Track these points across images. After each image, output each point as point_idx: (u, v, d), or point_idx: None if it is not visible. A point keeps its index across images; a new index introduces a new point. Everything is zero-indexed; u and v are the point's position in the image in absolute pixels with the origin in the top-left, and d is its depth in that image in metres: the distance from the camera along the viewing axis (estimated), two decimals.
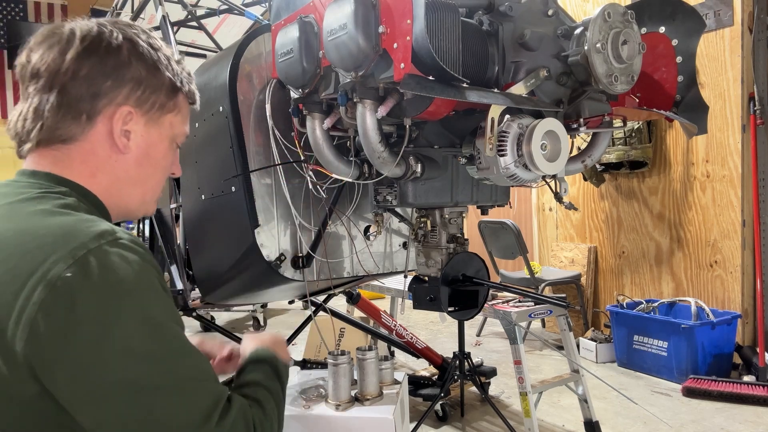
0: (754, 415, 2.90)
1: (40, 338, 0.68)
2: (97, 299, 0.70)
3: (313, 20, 1.35)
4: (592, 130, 1.44)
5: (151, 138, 0.91)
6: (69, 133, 0.85)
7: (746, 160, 3.50)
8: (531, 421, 2.36)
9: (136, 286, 0.73)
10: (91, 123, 0.85)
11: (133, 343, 0.71)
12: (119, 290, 0.72)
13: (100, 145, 0.87)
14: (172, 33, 2.44)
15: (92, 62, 0.84)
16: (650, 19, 1.52)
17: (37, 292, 0.69)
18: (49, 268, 0.69)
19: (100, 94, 0.85)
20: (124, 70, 0.86)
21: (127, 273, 0.73)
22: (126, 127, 0.87)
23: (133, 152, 0.89)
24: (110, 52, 0.86)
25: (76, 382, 0.70)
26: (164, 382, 0.73)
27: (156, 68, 0.89)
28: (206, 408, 0.75)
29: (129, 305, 0.72)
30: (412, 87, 1.10)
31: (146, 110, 0.89)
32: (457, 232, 1.57)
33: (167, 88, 0.91)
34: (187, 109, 0.99)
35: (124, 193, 0.91)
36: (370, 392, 1.58)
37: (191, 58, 3.35)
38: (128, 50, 0.87)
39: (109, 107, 0.86)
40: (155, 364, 0.73)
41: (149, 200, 0.97)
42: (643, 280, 4.11)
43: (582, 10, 4.33)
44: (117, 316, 0.71)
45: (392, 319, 3.04)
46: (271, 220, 1.63)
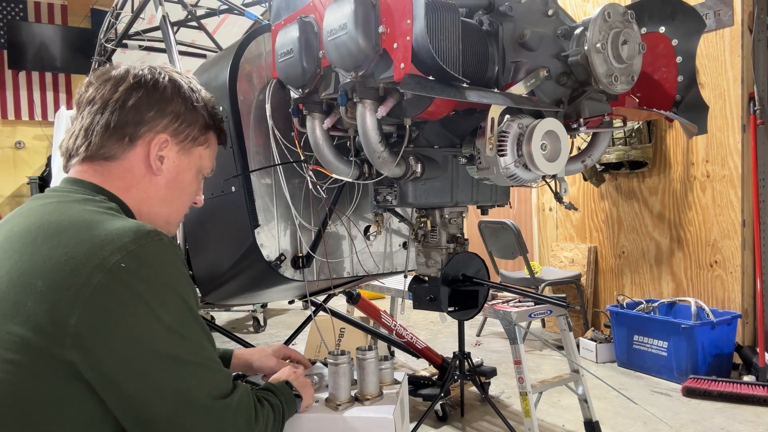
0: (754, 415, 2.91)
1: (95, 315, 0.80)
2: (147, 285, 0.84)
3: (313, 20, 1.35)
4: (592, 130, 1.44)
5: (181, 165, 1.05)
6: (111, 152, 0.99)
7: (746, 160, 3.51)
8: (531, 421, 2.36)
9: (178, 277, 0.88)
10: (132, 145, 1.00)
11: (176, 323, 0.86)
12: (166, 279, 0.86)
13: (137, 165, 1.01)
14: (172, 33, 2.44)
15: (140, 94, 0.99)
16: (650, 19, 1.52)
17: (94, 275, 0.81)
18: (106, 257, 0.82)
19: (143, 122, 0.99)
20: (166, 104, 1.01)
21: (170, 266, 0.87)
22: (161, 152, 1.01)
23: (164, 175, 1.03)
24: (156, 88, 1.01)
25: (126, 352, 0.82)
26: (196, 359, 0.88)
27: (193, 107, 1.05)
28: (220, 383, 0.91)
29: (171, 293, 0.87)
30: (412, 87, 1.10)
31: (180, 140, 1.04)
32: (457, 232, 1.57)
33: (201, 125, 1.06)
34: (215, 146, 1.13)
35: (153, 210, 1.04)
36: (370, 392, 1.58)
37: (191, 58, 3.35)
38: (171, 89, 1.03)
39: (149, 134, 1.00)
40: (191, 343, 0.88)
41: (173, 221, 1.10)
42: (643, 280, 4.11)
43: (582, 10, 4.33)
44: (164, 299, 0.85)
45: (392, 319, 3.04)
46: (271, 220, 1.63)
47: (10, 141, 7.82)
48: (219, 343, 3.84)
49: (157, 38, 3.22)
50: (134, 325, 0.82)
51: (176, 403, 0.85)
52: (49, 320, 0.80)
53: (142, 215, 1.02)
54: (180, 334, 0.86)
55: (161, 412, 0.85)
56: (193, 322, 0.89)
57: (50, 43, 7.69)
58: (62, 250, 0.83)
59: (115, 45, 3.30)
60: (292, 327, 2.93)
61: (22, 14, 7.78)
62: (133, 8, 3.19)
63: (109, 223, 0.87)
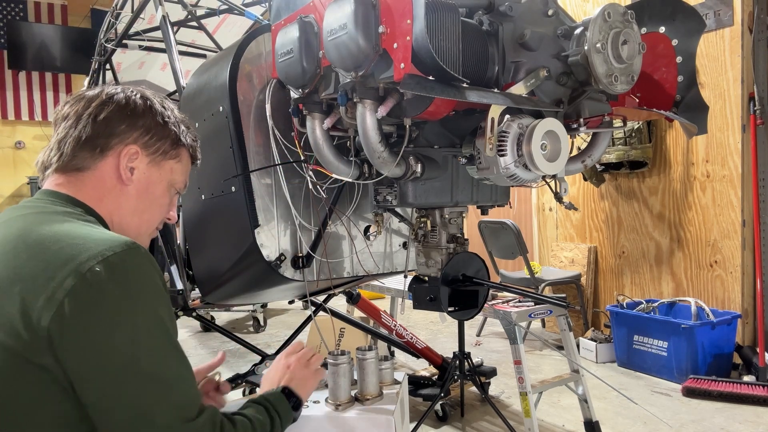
0: (754, 415, 2.91)
1: (65, 318, 0.81)
2: (120, 292, 0.84)
3: (313, 20, 1.35)
4: (592, 130, 1.44)
5: (151, 176, 1.07)
6: (83, 163, 1.02)
7: (746, 160, 3.50)
8: (531, 421, 2.36)
9: (152, 289, 0.88)
10: (103, 156, 1.02)
11: (142, 334, 0.85)
12: (139, 290, 0.86)
13: (108, 175, 1.03)
14: (172, 33, 2.44)
15: (112, 109, 1.03)
16: (650, 19, 1.52)
17: (68, 280, 0.82)
18: (81, 262, 0.83)
19: (114, 134, 1.02)
20: (138, 119, 1.04)
21: (144, 276, 0.87)
22: (131, 164, 1.03)
23: (134, 185, 1.05)
24: (128, 104, 1.04)
25: (88, 358, 0.82)
26: (159, 375, 0.86)
27: (165, 122, 1.07)
28: (184, 404, 0.88)
29: (143, 303, 0.86)
30: (412, 87, 1.10)
31: (151, 153, 1.06)
32: (457, 232, 1.57)
33: (172, 140, 1.09)
34: (188, 162, 1.15)
35: (124, 220, 1.06)
36: (370, 392, 1.58)
37: (191, 58, 3.35)
38: (143, 105, 1.06)
39: (119, 145, 1.03)
40: (156, 358, 0.86)
41: (143, 233, 1.11)
42: (643, 280, 4.11)
43: (582, 10, 4.33)
44: (133, 309, 0.85)
45: (392, 319, 3.04)
46: (271, 220, 1.63)
47: (10, 141, 7.82)
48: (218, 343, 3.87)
49: (157, 38, 3.21)
50: (100, 332, 0.82)
51: (134, 419, 0.84)
52: (23, 324, 0.81)
53: (114, 225, 1.04)
54: (146, 347, 0.85)
55: (118, 427, 0.84)
56: (161, 336, 0.87)
57: (50, 43, 7.69)
58: (42, 257, 0.85)
59: (115, 45, 3.30)
60: (292, 327, 2.93)
61: (22, 14, 7.78)
62: (133, 8, 3.19)
63: (89, 233, 0.89)
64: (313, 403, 1.59)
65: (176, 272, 2.14)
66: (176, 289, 2.12)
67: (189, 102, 1.86)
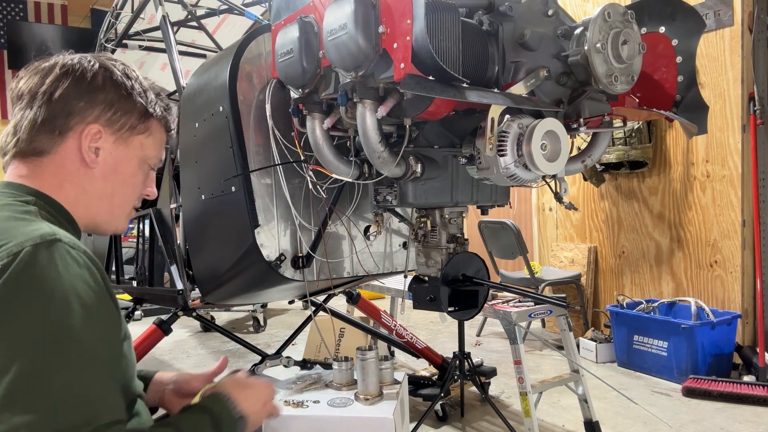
0: (754, 415, 2.90)
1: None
2: (11, 287, 0.75)
3: (313, 20, 1.35)
4: (592, 130, 1.44)
5: (119, 155, 0.98)
6: (42, 147, 0.94)
7: (746, 160, 3.50)
8: (531, 421, 2.36)
9: (57, 286, 0.77)
10: (63, 138, 0.94)
11: (25, 337, 0.74)
12: (36, 285, 0.76)
13: (69, 159, 0.95)
14: (172, 33, 2.44)
15: (68, 85, 0.94)
16: (650, 19, 1.52)
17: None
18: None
19: (73, 113, 0.94)
20: (97, 93, 0.95)
21: (51, 273, 0.77)
22: (95, 144, 0.95)
23: (100, 167, 0.97)
24: (85, 77, 0.95)
25: None
26: (37, 387, 0.73)
27: (128, 94, 0.98)
28: (68, 426, 0.73)
29: (39, 301, 0.76)
30: (412, 87, 1.10)
31: (116, 130, 0.97)
32: (457, 232, 1.57)
33: (139, 112, 0.99)
34: (161, 134, 1.06)
35: (91, 205, 0.98)
36: (370, 392, 1.58)
37: (191, 58, 3.35)
38: (103, 76, 0.96)
39: (80, 125, 0.94)
40: (36, 364, 0.73)
41: (118, 216, 1.03)
42: (643, 280, 4.11)
43: (582, 10, 4.33)
44: (22, 306, 0.75)
45: (392, 319, 3.04)
46: (271, 220, 1.63)
47: None
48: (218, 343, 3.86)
49: (157, 38, 3.22)
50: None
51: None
52: None
53: (79, 211, 0.97)
54: (25, 349, 0.73)
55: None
56: (54, 341, 0.75)
57: (50, 43, 7.68)
58: None
59: (115, 45, 3.30)
60: (292, 327, 2.93)
61: (22, 14, 7.79)
62: (133, 8, 3.19)
63: (14, 229, 0.82)
64: (313, 403, 1.59)
65: (176, 272, 2.14)
66: (176, 289, 2.12)
67: (189, 102, 1.86)
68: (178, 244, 2.15)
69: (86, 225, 1.00)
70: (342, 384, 1.67)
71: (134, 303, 2.75)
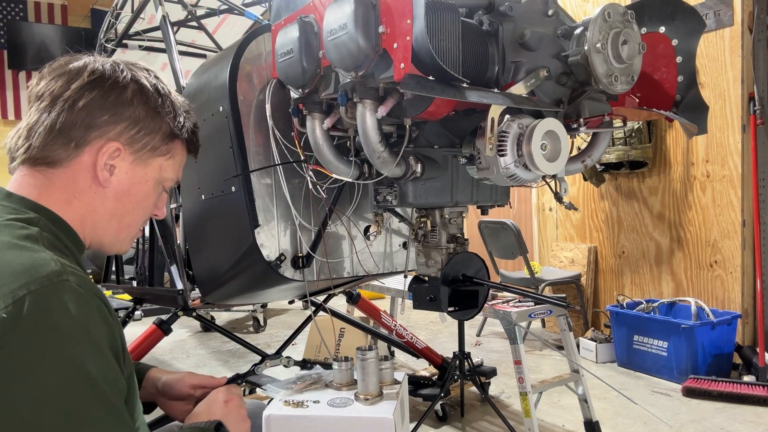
0: (754, 415, 2.90)
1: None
2: (22, 340, 0.67)
3: (313, 20, 1.35)
4: (592, 130, 1.44)
5: (135, 176, 0.92)
6: (55, 157, 0.87)
7: (746, 160, 3.50)
8: (531, 421, 2.36)
9: (71, 333, 0.70)
10: (79, 151, 0.87)
11: (47, 390, 0.68)
12: (49, 335, 0.69)
13: (82, 175, 0.88)
14: (172, 33, 2.44)
15: (94, 95, 0.87)
16: (650, 19, 1.52)
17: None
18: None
19: (94, 126, 0.87)
20: (124, 109, 0.89)
21: (63, 320, 0.70)
22: (112, 162, 0.89)
23: (113, 187, 0.90)
24: (114, 89, 0.88)
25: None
26: None
27: (156, 112, 0.92)
28: None
29: (56, 352, 0.69)
30: (412, 87, 1.10)
31: (136, 150, 0.91)
32: (457, 232, 1.57)
33: (164, 133, 0.94)
34: (183, 156, 1.01)
35: (98, 225, 0.92)
36: (370, 392, 1.58)
37: (191, 58, 3.35)
38: (133, 91, 0.90)
39: (99, 140, 0.88)
40: (63, 418, 0.68)
41: (124, 238, 0.97)
42: (643, 280, 4.11)
43: (582, 10, 4.33)
44: (39, 360, 0.68)
45: (392, 319, 3.04)
46: (271, 220, 1.63)
47: None
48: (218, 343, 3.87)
49: (157, 38, 3.22)
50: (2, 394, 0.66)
51: None
52: None
53: (85, 230, 0.90)
54: (50, 403, 0.68)
55: None
56: (83, 394, 0.70)
57: (50, 43, 7.69)
58: None
59: (115, 45, 3.30)
60: (292, 327, 2.93)
61: (22, 14, 7.78)
62: (133, 8, 3.19)
63: (15, 261, 0.72)
64: (313, 403, 1.59)
65: (176, 272, 2.14)
66: (176, 289, 2.12)
67: (189, 102, 1.86)
68: (178, 244, 2.15)
69: (90, 244, 0.94)
70: (342, 384, 1.67)
71: (134, 303, 2.75)
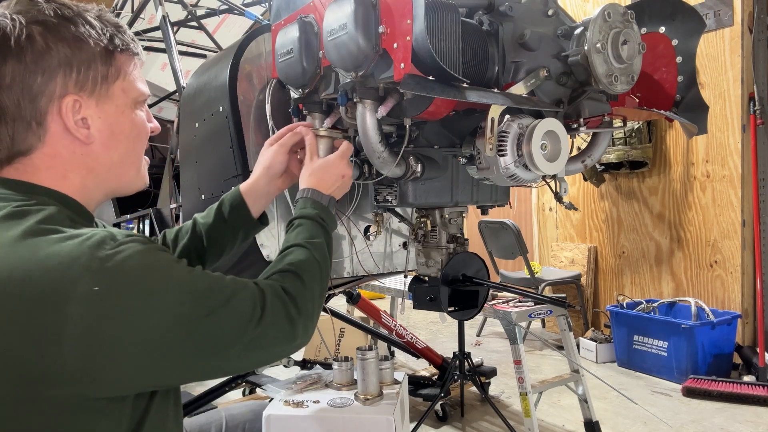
0: (754, 415, 2.91)
1: (94, 345, 0.69)
2: (127, 292, 0.71)
3: (313, 20, 1.35)
4: (592, 130, 1.44)
5: (109, 114, 0.85)
6: (27, 145, 0.80)
7: (746, 160, 3.51)
8: (531, 421, 2.36)
9: (151, 265, 0.74)
10: (43, 126, 0.80)
11: (174, 308, 0.74)
12: (140, 278, 0.73)
13: (61, 145, 0.82)
14: (172, 33, 2.44)
15: (11, 65, 0.77)
16: (650, 19, 1.52)
17: (72, 314, 0.68)
18: (75, 290, 0.69)
19: (37, 95, 0.78)
20: (48, 58, 0.78)
21: (139, 261, 0.73)
22: (79, 116, 0.81)
23: (97, 138, 0.84)
24: (22, 45, 0.76)
25: (143, 353, 0.72)
26: (212, 315, 0.76)
27: (79, 40, 0.80)
28: (250, 312, 0.80)
29: (153, 285, 0.73)
30: (412, 87, 1.10)
31: (91, 89, 0.82)
32: (457, 232, 1.57)
33: (100, 56, 0.83)
34: (131, 65, 0.88)
35: (102, 180, 0.88)
36: (370, 392, 1.58)
37: (191, 58, 3.35)
38: (41, 34, 0.78)
39: (52, 104, 0.79)
40: (202, 306, 0.76)
41: (134, 175, 0.93)
42: (643, 280, 4.11)
43: (582, 10, 4.33)
44: (154, 296, 0.73)
45: (392, 319, 3.04)
46: (271, 220, 1.63)
47: None
48: None
49: (157, 38, 3.22)
50: (133, 327, 0.71)
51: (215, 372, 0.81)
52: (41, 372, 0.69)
53: (91, 193, 0.87)
54: (179, 315, 0.74)
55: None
56: (189, 293, 0.76)
57: None
58: (19, 306, 0.69)
59: None
60: None
61: None
62: (133, 8, 3.19)
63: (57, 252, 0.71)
64: (313, 403, 1.59)
65: None
66: None
67: (189, 102, 1.86)
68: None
69: (106, 196, 0.91)
70: (342, 384, 1.67)
71: None
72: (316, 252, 1.03)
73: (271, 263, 1.01)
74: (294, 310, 0.87)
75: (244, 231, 1.29)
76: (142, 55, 0.91)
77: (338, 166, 1.24)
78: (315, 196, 1.17)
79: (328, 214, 1.15)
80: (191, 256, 1.24)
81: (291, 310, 0.87)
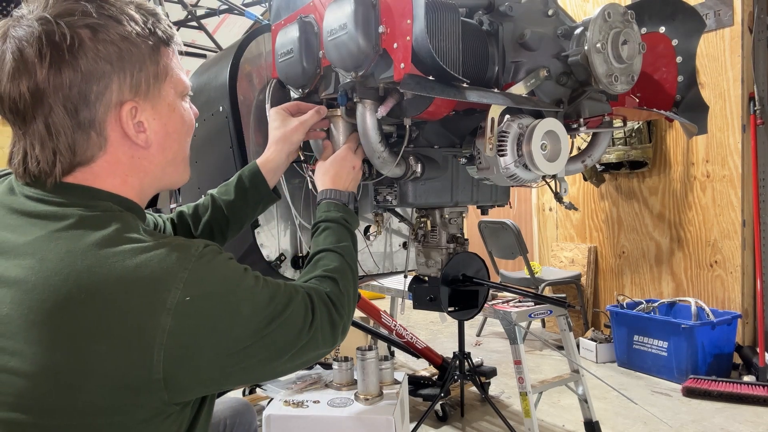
0: (754, 415, 2.91)
1: (179, 353, 0.72)
2: (212, 302, 0.75)
3: (313, 20, 1.35)
4: (592, 130, 1.44)
5: (163, 115, 0.85)
6: (88, 155, 0.80)
7: (746, 160, 3.51)
8: (531, 421, 2.36)
9: (230, 276, 0.79)
10: (103, 135, 0.79)
11: (251, 318, 0.79)
12: (223, 288, 0.77)
13: (121, 151, 0.82)
14: None
15: (67, 75, 0.75)
16: (650, 19, 1.52)
17: (163, 323, 0.71)
18: (167, 299, 0.72)
19: (95, 103, 0.77)
20: (102, 64, 0.76)
21: (221, 273, 0.78)
22: (136, 120, 0.81)
23: (154, 140, 0.84)
24: (75, 52, 0.74)
25: (219, 360, 0.76)
26: (275, 321, 0.81)
27: (126, 40, 0.78)
28: (303, 317, 0.86)
29: (234, 295, 0.78)
30: (412, 87, 1.10)
31: (145, 92, 0.82)
32: (457, 232, 1.57)
33: (149, 56, 0.81)
34: (171, 58, 0.87)
35: (155, 180, 0.89)
36: (370, 392, 1.58)
37: (191, 58, 3.35)
38: (90, 39, 0.75)
39: (111, 112, 0.79)
40: (268, 314, 0.81)
41: (182, 170, 0.94)
42: (643, 280, 4.11)
43: (582, 10, 4.33)
44: (235, 306, 0.77)
45: (392, 319, 3.04)
46: (271, 220, 1.63)
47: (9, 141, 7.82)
48: None
49: None
50: (219, 336, 0.76)
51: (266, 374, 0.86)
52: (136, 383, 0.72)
53: (147, 193, 0.89)
54: (255, 321, 0.80)
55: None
56: (263, 299, 0.82)
57: None
58: (109, 320, 0.70)
59: None
60: None
61: None
62: None
63: (145, 263, 0.73)
64: (313, 403, 1.59)
65: None
66: None
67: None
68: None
69: (156, 190, 0.93)
70: (342, 384, 1.67)
71: None
72: (347, 256, 1.09)
73: (306, 268, 1.07)
74: (336, 314, 0.94)
75: (263, 204, 1.35)
76: (178, 39, 0.89)
77: (348, 158, 1.28)
78: (336, 197, 1.22)
79: (350, 214, 1.20)
80: (214, 231, 1.29)
81: (334, 315, 0.93)
